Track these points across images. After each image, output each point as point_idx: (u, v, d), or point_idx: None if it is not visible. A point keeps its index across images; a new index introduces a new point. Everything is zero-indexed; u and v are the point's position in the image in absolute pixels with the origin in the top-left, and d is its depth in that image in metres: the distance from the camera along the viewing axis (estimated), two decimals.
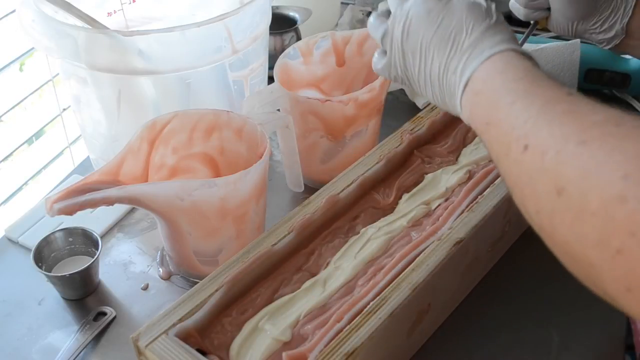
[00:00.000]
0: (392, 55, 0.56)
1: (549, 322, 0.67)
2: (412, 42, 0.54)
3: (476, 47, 0.50)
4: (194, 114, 0.68)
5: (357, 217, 0.67)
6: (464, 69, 0.50)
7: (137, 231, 0.77)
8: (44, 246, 0.70)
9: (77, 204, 0.55)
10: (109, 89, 0.73)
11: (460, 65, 0.50)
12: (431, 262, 0.58)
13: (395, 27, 0.55)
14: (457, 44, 0.51)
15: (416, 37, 0.53)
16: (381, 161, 0.70)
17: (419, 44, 0.53)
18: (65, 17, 0.72)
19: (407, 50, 0.54)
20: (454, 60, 0.51)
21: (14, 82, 0.87)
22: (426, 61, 0.53)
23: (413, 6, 0.54)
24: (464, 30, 0.51)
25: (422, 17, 0.53)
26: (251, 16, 0.72)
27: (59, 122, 0.91)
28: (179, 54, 0.68)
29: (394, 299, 0.55)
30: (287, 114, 0.73)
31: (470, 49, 0.50)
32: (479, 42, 0.50)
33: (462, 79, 0.50)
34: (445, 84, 0.52)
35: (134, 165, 0.64)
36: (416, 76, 0.55)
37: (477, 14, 0.51)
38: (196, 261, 0.67)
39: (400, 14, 0.55)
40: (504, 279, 0.71)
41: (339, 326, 0.54)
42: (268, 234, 0.61)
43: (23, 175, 0.89)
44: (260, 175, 0.64)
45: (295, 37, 0.98)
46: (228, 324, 0.56)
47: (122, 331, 0.65)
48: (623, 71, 0.96)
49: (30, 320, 0.67)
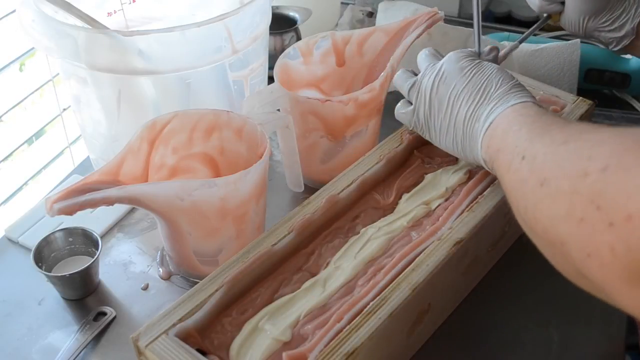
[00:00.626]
0: (417, 105, 0.64)
1: (549, 322, 0.67)
2: (442, 93, 0.61)
3: (503, 97, 0.57)
4: (194, 114, 0.68)
5: (357, 217, 0.67)
6: (489, 114, 0.57)
7: (137, 231, 0.77)
8: (44, 246, 0.70)
9: (77, 204, 0.55)
10: (109, 89, 0.73)
11: (486, 112, 0.57)
12: (431, 262, 0.58)
13: (425, 80, 0.63)
14: (486, 95, 0.58)
15: (446, 89, 0.61)
16: (381, 161, 0.70)
17: (447, 95, 0.61)
18: (65, 17, 0.72)
19: (435, 101, 0.62)
20: (481, 108, 0.58)
21: (14, 82, 0.87)
22: (453, 110, 0.60)
23: (446, 63, 0.62)
24: (494, 84, 0.58)
25: (454, 72, 0.61)
26: (251, 16, 0.72)
27: (59, 122, 0.91)
28: (179, 54, 0.68)
29: (394, 299, 0.55)
30: (287, 114, 0.73)
31: (497, 98, 0.57)
32: (506, 94, 0.57)
33: (486, 122, 0.57)
34: (469, 129, 0.59)
35: (134, 165, 0.64)
36: (439, 124, 0.62)
37: (505, 74, 0.60)
38: (196, 261, 0.67)
39: (431, 70, 0.63)
40: (504, 279, 0.71)
41: (339, 326, 0.54)
42: (268, 234, 0.61)
43: (23, 175, 0.89)
44: (260, 175, 0.64)
45: (295, 37, 0.98)
46: (228, 324, 0.56)
47: (122, 331, 0.66)
48: (623, 71, 0.96)
49: (30, 320, 0.67)
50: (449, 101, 0.61)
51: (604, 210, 0.37)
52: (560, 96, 0.78)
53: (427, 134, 0.65)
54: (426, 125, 0.64)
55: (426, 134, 0.65)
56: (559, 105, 0.77)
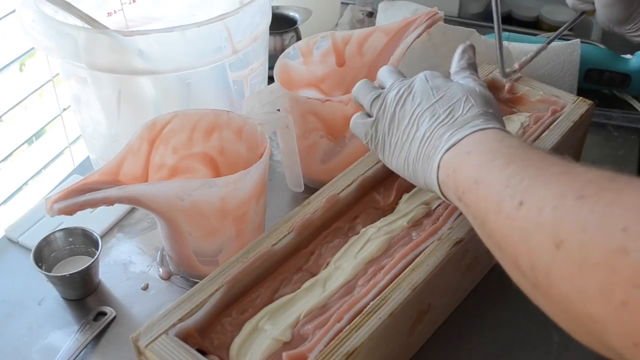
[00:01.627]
0: (378, 119, 0.60)
1: (549, 322, 0.66)
2: (407, 109, 0.58)
3: (470, 121, 0.53)
4: (194, 114, 0.68)
5: (357, 217, 0.67)
6: (451, 135, 0.53)
7: (137, 231, 0.77)
8: (44, 246, 0.70)
9: (77, 204, 0.55)
10: (109, 89, 0.73)
11: (448, 133, 0.53)
12: (431, 262, 0.58)
13: (392, 93, 0.59)
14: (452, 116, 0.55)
15: (412, 105, 0.58)
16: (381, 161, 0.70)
17: (411, 111, 0.57)
18: (65, 17, 0.72)
19: (397, 116, 0.58)
20: (444, 128, 0.54)
21: (14, 82, 0.87)
22: (412, 127, 0.57)
23: (419, 80, 0.59)
24: (463, 107, 0.55)
25: (425, 89, 0.58)
26: (251, 16, 0.72)
27: (59, 122, 0.91)
28: (179, 54, 0.68)
29: (394, 299, 0.55)
30: (287, 114, 0.73)
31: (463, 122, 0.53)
32: (473, 119, 0.53)
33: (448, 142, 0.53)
34: (425, 148, 0.55)
35: (134, 165, 0.64)
36: (395, 141, 0.59)
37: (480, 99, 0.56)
38: (196, 261, 0.67)
39: (400, 84, 0.60)
40: (504, 278, 0.71)
41: (339, 326, 0.54)
42: (268, 234, 0.61)
43: (23, 175, 0.89)
44: (260, 175, 0.64)
45: (295, 37, 0.98)
46: (228, 324, 0.56)
47: (122, 331, 0.66)
48: (623, 71, 0.96)
49: (30, 320, 0.67)
50: (411, 118, 0.57)
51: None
52: (560, 96, 0.78)
53: (380, 151, 0.61)
54: (382, 141, 0.60)
55: (379, 150, 0.61)
56: (559, 105, 0.77)
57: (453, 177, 0.51)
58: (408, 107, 0.58)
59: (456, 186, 0.51)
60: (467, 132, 0.52)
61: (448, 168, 0.52)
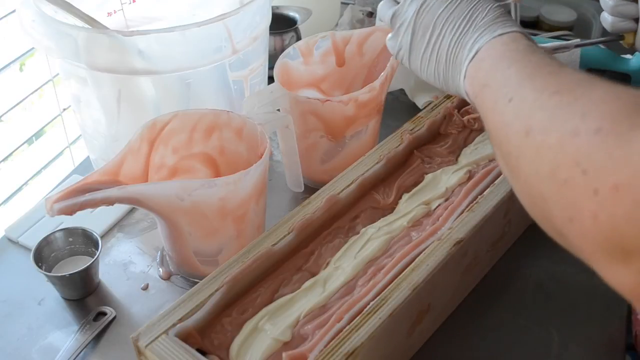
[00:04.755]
0: (399, 34, 0.60)
1: (549, 322, 0.67)
2: (427, 20, 0.57)
3: (489, 26, 0.54)
4: (194, 114, 0.68)
5: (357, 217, 0.67)
6: (474, 44, 0.53)
7: (137, 231, 0.77)
8: (44, 246, 0.70)
9: (77, 204, 0.55)
10: (109, 89, 0.73)
11: (471, 41, 0.54)
12: (431, 262, 0.58)
13: (408, 7, 0.59)
14: (472, 23, 0.55)
15: (431, 17, 0.57)
16: (381, 161, 0.70)
17: (432, 22, 0.57)
18: (65, 17, 0.72)
19: (418, 29, 0.58)
20: (467, 36, 0.54)
21: (14, 82, 0.87)
22: (437, 38, 0.57)
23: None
24: (480, 12, 0.55)
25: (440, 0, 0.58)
26: (251, 16, 0.72)
27: (59, 122, 0.91)
28: (179, 54, 0.68)
29: (394, 299, 0.55)
30: (287, 114, 0.73)
31: (483, 27, 0.54)
32: (492, 23, 0.54)
33: (471, 51, 0.53)
34: (453, 58, 0.56)
35: (134, 165, 0.64)
36: (421, 53, 0.59)
37: (492, 3, 0.56)
38: (196, 261, 0.67)
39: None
40: (504, 279, 0.71)
41: (339, 326, 0.54)
42: (268, 234, 0.61)
43: (23, 175, 0.89)
44: (260, 175, 0.64)
45: (295, 37, 0.98)
46: (228, 324, 0.56)
47: (122, 331, 0.65)
48: (623, 71, 0.96)
49: (30, 320, 0.67)
50: (434, 29, 0.57)
51: (590, 175, 0.35)
52: None
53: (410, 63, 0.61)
54: (408, 54, 0.60)
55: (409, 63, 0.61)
56: None
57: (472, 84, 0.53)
58: (427, 20, 0.58)
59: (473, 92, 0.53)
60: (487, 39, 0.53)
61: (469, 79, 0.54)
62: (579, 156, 0.36)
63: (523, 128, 0.42)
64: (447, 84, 0.58)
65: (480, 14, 0.55)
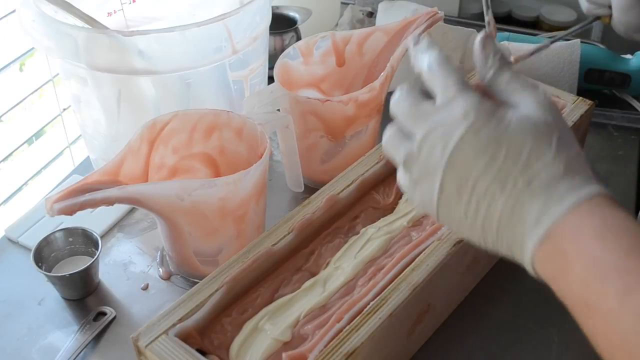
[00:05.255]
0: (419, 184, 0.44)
1: (549, 322, 0.67)
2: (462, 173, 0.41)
3: (550, 188, 0.39)
4: (194, 114, 0.68)
5: (357, 217, 0.67)
6: (538, 219, 0.39)
7: (137, 231, 0.77)
8: (44, 246, 0.70)
9: (77, 204, 0.55)
10: (109, 89, 0.73)
11: (531, 213, 0.39)
12: (431, 262, 0.58)
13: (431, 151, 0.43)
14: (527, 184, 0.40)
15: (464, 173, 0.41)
16: (381, 161, 0.70)
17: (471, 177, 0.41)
18: (65, 17, 0.72)
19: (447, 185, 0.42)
20: (518, 205, 0.40)
21: (14, 82, 0.87)
22: (478, 204, 0.42)
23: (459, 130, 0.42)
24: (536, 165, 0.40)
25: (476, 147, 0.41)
26: (251, 16, 0.72)
27: (59, 122, 0.91)
28: (179, 54, 0.68)
29: (394, 299, 0.55)
30: (287, 114, 0.73)
31: (543, 191, 0.39)
32: (553, 181, 0.39)
33: (536, 230, 0.39)
34: (506, 232, 0.41)
35: (134, 165, 0.64)
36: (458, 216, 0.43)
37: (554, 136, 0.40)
38: (196, 261, 0.67)
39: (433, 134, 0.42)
40: (504, 279, 0.71)
41: (339, 326, 0.54)
42: (268, 234, 0.61)
43: (23, 175, 0.89)
44: (260, 175, 0.64)
45: (295, 37, 0.98)
46: (228, 324, 0.56)
47: (122, 331, 0.65)
48: (623, 71, 0.96)
49: (30, 320, 0.67)
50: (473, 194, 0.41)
51: None
52: (560, 96, 0.78)
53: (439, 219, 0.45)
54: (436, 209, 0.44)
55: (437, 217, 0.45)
56: (559, 105, 0.77)
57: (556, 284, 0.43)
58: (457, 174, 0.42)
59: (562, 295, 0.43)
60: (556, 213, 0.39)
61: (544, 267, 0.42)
62: None
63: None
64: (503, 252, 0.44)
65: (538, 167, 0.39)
